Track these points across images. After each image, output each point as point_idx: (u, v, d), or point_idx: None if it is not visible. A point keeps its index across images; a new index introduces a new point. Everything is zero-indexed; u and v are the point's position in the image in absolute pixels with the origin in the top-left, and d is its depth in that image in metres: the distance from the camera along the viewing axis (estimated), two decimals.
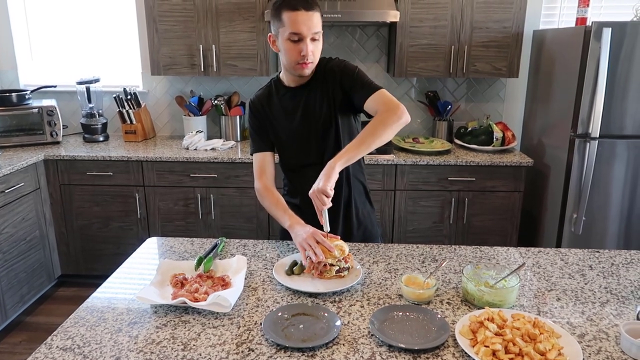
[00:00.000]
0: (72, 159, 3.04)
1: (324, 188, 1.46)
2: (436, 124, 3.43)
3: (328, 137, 1.73)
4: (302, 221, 1.60)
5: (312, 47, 1.60)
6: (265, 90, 1.80)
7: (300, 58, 1.59)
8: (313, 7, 1.57)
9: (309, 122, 1.72)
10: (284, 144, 1.79)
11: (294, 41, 1.57)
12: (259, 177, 1.78)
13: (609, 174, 2.71)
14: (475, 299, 1.32)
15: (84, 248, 3.21)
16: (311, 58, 1.60)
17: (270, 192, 1.74)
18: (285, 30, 1.57)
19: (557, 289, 1.43)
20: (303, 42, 1.57)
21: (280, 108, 1.75)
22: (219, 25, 3.08)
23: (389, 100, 1.61)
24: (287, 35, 1.57)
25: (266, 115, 1.77)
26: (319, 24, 1.60)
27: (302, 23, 1.55)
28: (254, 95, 1.82)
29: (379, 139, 1.54)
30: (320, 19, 1.60)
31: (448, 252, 1.68)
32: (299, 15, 1.55)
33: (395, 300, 1.36)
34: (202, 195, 3.06)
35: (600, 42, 2.48)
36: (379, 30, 3.40)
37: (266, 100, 1.77)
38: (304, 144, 1.75)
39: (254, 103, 1.80)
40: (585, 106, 2.61)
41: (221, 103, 3.39)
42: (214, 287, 1.36)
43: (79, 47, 3.60)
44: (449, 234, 3.10)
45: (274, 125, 1.77)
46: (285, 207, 1.68)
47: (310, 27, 1.56)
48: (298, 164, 1.80)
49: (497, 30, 3.02)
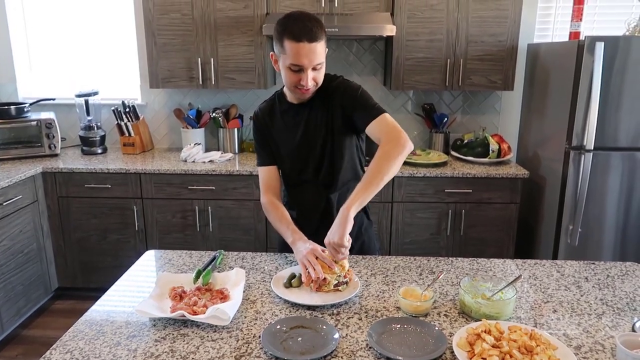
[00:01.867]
0: (70, 172, 3.04)
1: (340, 242, 1.42)
2: (433, 136, 3.45)
3: (326, 156, 1.72)
4: (304, 237, 1.60)
5: (314, 75, 1.56)
6: (268, 104, 1.78)
7: (300, 86, 1.57)
8: (317, 38, 1.50)
9: (308, 139, 1.71)
10: (283, 158, 1.79)
11: (295, 71, 1.54)
12: (265, 192, 1.78)
13: (604, 185, 2.74)
14: (472, 311, 1.33)
15: (81, 261, 3.20)
16: (311, 85, 1.57)
17: (275, 207, 1.73)
18: (286, 58, 1.53)
19: (554, 300, 1.44)
20: (304, 72, 1.53)
21: (282, 123, 1.75)
22: (218, 39, 3.11)
23: (391, 128, 1.56)
24: (288, 64, 1.53)
25: (268, 129, 1.77)
26: (323, 54, 1.55)
27: (304, 55, 1.50)
28: (258, 108, 1.81)
29: (387, 176, 1.49)
30: (325, 46, 1.55)
31: (445, 264, 1.69)
32: (301, 47, 1.49)
33: (393, 312, 1.37)
34: (200, 207, 3.07)
35: (593, 56, 2.52)
36: (375, 44, 3.45)
37: (269, 114, 1.77)
38: (302, 161, 1.75)
39: (258, 117, 1.79)
40: (580, 119, 2.64)
41: (219, 115, 3.41)
42: (212, 300, 1.37)
43: (78, 60, 3.62)
44: (446, 245, 3.11)
45: (275, 140, 1.77)
46: (289, 222, 1.67)
47: (312, 59, 1.52)
48: (296, 180, 1.80)
49: (492, 44, 3.06)
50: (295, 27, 1.49)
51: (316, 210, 1.78)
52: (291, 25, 1.50)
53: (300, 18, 1.52)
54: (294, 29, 1.49)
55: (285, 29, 1.51)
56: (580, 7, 2.92)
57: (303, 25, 1.49)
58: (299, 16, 1.53)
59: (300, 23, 1.50)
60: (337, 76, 1.72)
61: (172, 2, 3.06)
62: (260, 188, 1.80)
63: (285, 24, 1.52)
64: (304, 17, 1.52)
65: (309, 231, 1.70)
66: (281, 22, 1.55)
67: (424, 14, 3.02)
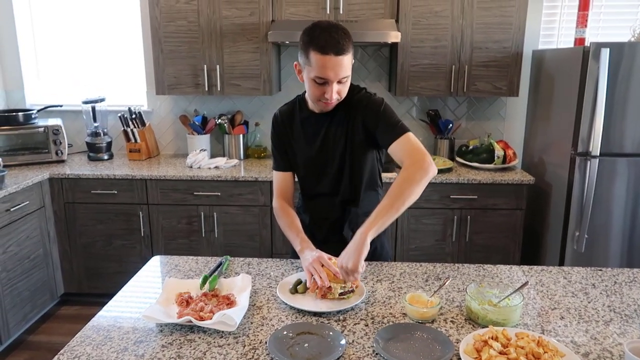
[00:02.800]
0: (76, 178, 3.06)
1: (355, 268, 1.36)
2: (438, 142, 3.46)
3: (345, 171, 1.68)
4: (312, 245, 1.59)
5: (339, 88, 1.52)
6: (289, 108, 1.74)
7: (324, 99, 1.53)
8: (344, 51, 1.45)
9: (327, 151, 1.67)
10: (299, 168, 1.76)
11: (319, 83, 1.49)
12: (278, 196, 1.77)
13: (610, 191, 2.73)
14: (479, 318, 1.33)
15: (87, 266, 3.22)
16: (335, 99, 1.53)
17: (286, 213, 1.72)
18: (312, 70, 1.48)
19: (561, 307, 1.43)
20: (329, 85, 1.49)
21: (300, 131, 1.70)
22: (223, 46, 3.13)
23: (414, 150, 1.50)
24: (313, 76, 1.48)
25: (286, 134, 1.73)
26: (349, 67, 1.50)
27: (330, 69, 1.45)
28: (278, 110, 1.77)
29: (409, 200, 1.44)
30: (352, 58, 1.50)
31: (451, 270, 1.69)
32: (328, 60, 1.44)
33: (399, 318, 1.37)
34: (205, 213, 3.08)
35: (598, 62, 2.52)
36: (380, 50, 3.46)
37: (288, 118, 1.72)
38: (319, 173, 1.72)
39: (277, 119, 1.75)
40: (585, 125, 2.64)
41: (225, 122, 3.42)
42: (219, 306, 1.37)
43: (85, 67, 3.66)
44: (452, 252, 3.10)
45: (293, 147, 1.73)
46: (298, 230, 1.66)
47: (339, 73, 1.47)
48: (311, 190, 1.77)
49: (497, 50, 3.07)
50: (321, 38, 1.44)
51: (329, 219, 1.78)
52: (318, 36, 1.45)
53: (328, 29, 1.46)
54: (321, 41, 1.44)
55: (312, 40, 1.46)
56: (585, 13, 2.93)
57: (330, 37, 1.43)
58: (327, 27, 1.47)
59: (327, 34, 1.44)
60: (360, 88, 1.67)
61: (178, 9, 3.09)
62: (274, 191, 1.78)
63: (312, 35, 1.47)
64: (331, 28, 1.46)
65: (320, 238, 1.71)
66: (307, 32, 1.49)
67: (428, 21, 3.04)
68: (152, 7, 3.09)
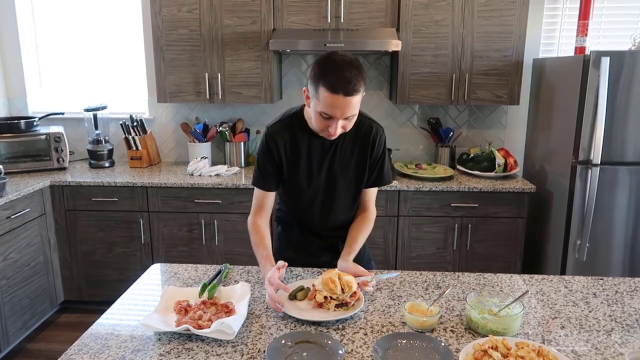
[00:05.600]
0: (77, 185, 3.07)
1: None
2: (438, 151, 3.46)
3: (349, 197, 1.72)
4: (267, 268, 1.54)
5: (344, 123, 1.47)
6: (285, 125, 1.63)
7: (327, 131, 1.48)
8: (355, 92, 1.39)
9: (334, 178, 1.66)
10: (294, 192, 1.71)
11: (325, 117, 1.45)
12: (255, 212, 1.72)
13: (611, 200, 2.72)
14: (479, 327, 1.32)
15: (87, 274, 3.21)
16: (339, 133, 1.49)
17: (257, 232, 1.68)
18: (318, 105, 1.43)
19: (562, 316, 1.42)
20: (334, 120, 1.44)
21: (304, 155, 1.63)
22: (225, 54, 3.15)
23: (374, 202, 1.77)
24: (319, 110, 1.43)
25: (283, 155, 1.64)
26: (357, 106, 1.45)
27: (337, 108, 1.40)
28: (272, 127, 1.65)
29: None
30: (362, 94, 1.44)
31: (451, 279, 1.68)
32: (336, 99, 1.38)
33: (398, 327, 1.36)
34: (206, 221, 3.08)
35: (599, 71, 2.53)
36: (381, 59, 3.47)
37: (289, 139, 1.62)
38: (322, 200, 1.71)
39: (272, 137, 1.63)
40: (586, 133, 2.64)
41: (226, 130, 3.43)
42: (217, 314, 1.37)
43: (88, 75, 3.68)
44: (453, 260, 3.09)
45: (290, 170, 1.66)
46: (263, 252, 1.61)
47: (345, 112, 1.42)
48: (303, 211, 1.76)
49: (498, 58, 3.07)
50: (333, 76, 1.37)
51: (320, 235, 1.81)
52: (330, 73, 1.38)
53: (341, 66, 1.38)
54: (331, 78, 1.37)
55: (323, 76, 1.39)
56: (585, 22, 2.94)
57: (342, 77, 1.37)
58: (340, 63, 1.39)
59: (339, 72, 1.37)
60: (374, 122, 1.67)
61: (180, 18, 3.11)
62: (252, 207, 1.73)
63: (324, 69, 1.40)
64: (344, 65, 1.39)
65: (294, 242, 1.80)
66: (320, 64, 1.42)
67: (429, 30, 3.05)
68: (154, 16, 3.11)
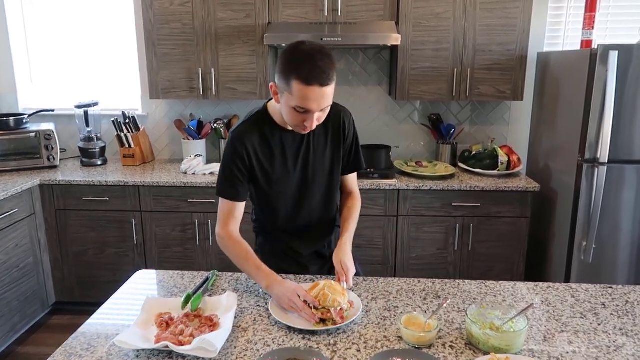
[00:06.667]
0: (67, 184, 2.98)
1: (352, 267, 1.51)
2: (439, 148, 3.36)
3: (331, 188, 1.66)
4: (278, 278, 1.46)
5: (319, 115, 1.40)
6: (252, 127, 1.54)
7: (302, 126, 1.41)
8: (329, 81, 1.33)
9: (312, 172, 1.60)
10: (272, 195, 1.62)
11: (300, 112, 1.37)
12: (225, 224, 1.58)
13: (618, 200, 2.62)
14: (480, 343, 1.23)
15: (79, 275, 3.13)
16: (315, 125, 1.42)
17: (238, 243, 1.56)
18: (292, 99, 1.34)
19: (569, 330, 1.33)
20: (310, 114, 1.37)
21: (277, 154, 1.55)
22: (219, 49, 3.05)
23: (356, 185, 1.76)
24: (294, 105, 1.35)
25: (254, 159, 1.54)
26: (331, 96, 1.38)
27: (313, 100, 1.33)
28: (237, 128, 1.54)
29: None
30: (334, 84, 1.37)
31: (451, 287, 1.59)
32: (311, 92, 1.31)
33: (394, 342, 1.27)
34: (200, 220, 2.99)
35: (607, 65, 2.42)
36: (380, 54, 3.36)
37: (257, 141, 1.53)
38: (301, 197, 1.63)
39: (241, 141, 1.52)
40: (593, 131, 2.53)
41: (221, 126, 3.34)
42: (200, 329, 1.28)
43: (79, 70, 3.58)
44: (454, 261, 3.00)
45: (263, 174, 1.57)
46: (258, 264, 1.50)
47: (321, 104, 1.35)
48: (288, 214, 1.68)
49: (501, 53, 2.96)
50: (305, 67, 1.30)
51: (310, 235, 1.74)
52: (301, 65, 1.31)
53: (311, 56, 1.31)
54: (304, 70, 1.30)
55: (295, 68, 1.32)
56: (592, 15, 2.83)
57: (314, 66, 1.30)
58: (310, 53, 1.32)
59: (311, 63, 1.30)
60: (340, 106, 1.61)
61: (172, 12, 3.01)
62: (219, 219, 1.59)
63: (295, 61, 1.33)
64: (315, 55, 1.32)
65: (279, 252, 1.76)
66: (288, 56, 1.34)
67: (429, 23, 2.94)
68: (145, 10, 3.01)
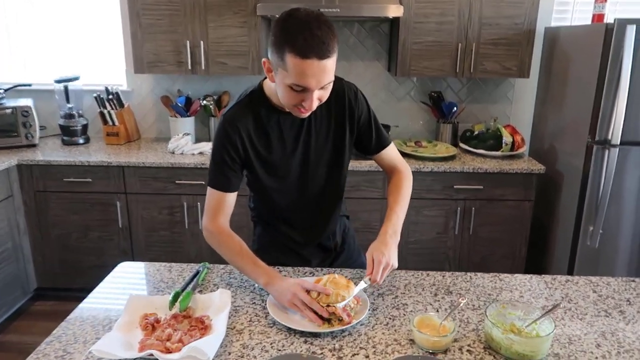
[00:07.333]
0: (47, 164, 2.80)
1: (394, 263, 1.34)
2: (440, 127, 3.21)
3: (333, 175, 1.49)
4: (278, 274, 1.33)
5: (320, 94, 1.23)
6: (245, 110, 1.37)
7: (301, 106, 1.24)
8: (329, 52, 1.15)
9: (312, 157, 1.44)
10: (270, 184, 1.46)
11: (297, 91, 1.20)
12: (214, 217, 1.41)
13: (630, 184, 2.50)
14: (501, 348, 1.11)
15: (62, 259, 2.98)
16: (315, 106, 1.25)
17: (230, 238, 1.40)
18: (288, 76, 1.17)
19: (595, 331, 1.22)
20: (309, 93, 1.20)
21: (275, 139, 1.39)
22: (208, 20, 2.84)
23: (401, 159, 1.58)
24: (290, 82, 1.18)
25: (249, 145, 1.38)
26: (332, 71, 1.20)
27: (311, 76, 1.15)
28: (229, 111, 1.38)
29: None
30: (336, 57, 1.19)
31: (463, 280, 1.46)
32: (309, 66, 1.14)
33: (405, 347, 1.15)
34: (188, 203, 2.84)
35: (623, 41, 2.27)
36: (379, 26, 3.18)
37: (252, 125, 1.37)
38: (301, 186, 1.48)
39: (233, 124, 1.35)
40: (607, 110, 2.39)
41: (210, 103, 3.16)
42: (190, 332, 1.14)
43: (58, 42, 3.35)
44: (454, 245, 2.89)
45: (260, 160, 1.41)
46: (254, 259, 1.35)
47: (321, 80, 1.18)
48: (288, 205, 1.53)
49: (508, 26, 2.80)
50: (301, 38, 1.12)
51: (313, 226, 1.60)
52: (296, 35, 1.13)
53: (307, 24, 1.13)
54: (300, 41, 1.12)
55: (289, 39, 1.13)
56: None
57: (311, 36, 1.12)
58: (305, 20, 1.14)
59: (307, 32, 1.12)
60: (346, 83, 1.42)
61: None
62: (207, 211, 1.43)
63: (288, 31, 1.14)
64: (311, 23, 1.13)
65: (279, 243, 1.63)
66: (281, 25, 1.16)
67: None
68: None
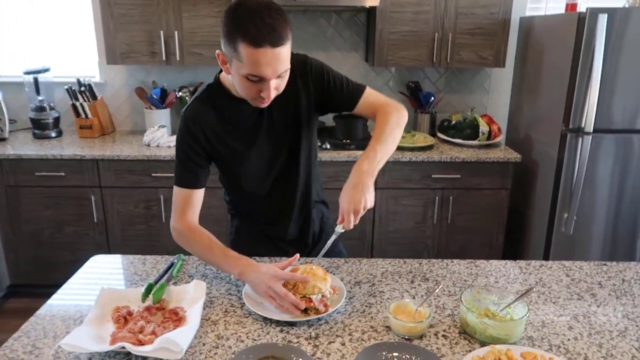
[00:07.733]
0: (18, 158, 2.73)
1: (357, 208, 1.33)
2: (418, 117, 3.22)
3: (301, 156, 1.44)
4: (250, 262, 1.29)
5: (277, 84, 1.21)
6: (205, 102, 1.36)
7: (259, 97, 1.22)
8: (283, 39, 1.12)
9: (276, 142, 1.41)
10: (237, 175, 1.45)
11: (254, 81, 1.17)
12: (181, 215, 1.37)
13: (603, 171, 2.55)
14: (476, 332, 1.12)
15: (35, 255, 2.91)
16: (274, 96, 1.23)
17: (198, 233, 1.37)
18: (242, 67, 1.14)
19: (567, 314, 1.24)
20: (265, 82, 1.17)
21: (236, 129, 1.37)
22: (182, 10, 2.79)
23: (386, 99, 1.46)
24: (245, 73, 1.15)
25: (212, 139, 1.36)
26: (288, 59, 1.18)
27: (266, 65, 1.12)
28: (189, 107, 1.37)
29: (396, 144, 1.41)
30: (290, 45, 1.17)
31: (440, 267, 1.47)
32: (262, 54, 1.11)
33: (382, 333, 1.15)
34: (165, 196, 2.80)
35: (595, 30, 2.30)
36: (356, 16, 3.16)
37: (214, 114, 1.35)
38: (268, 172, 1.45)
39: (195, 120, 1.34)
40: (580, 99, 2.43)
41: (186, 95, 3.12)
42: (163, 324, 1.12)
43: (27, 32, 3.25)
44: (432, 234, 2.91)
45: (223, 153, 1.39)
46: (224, 251, 1.32)
47: (277, 68, 1.15)
48: (260, 192, 1.49)
49: (483, 16, 2.82)
50: (252, 26, 1.09)
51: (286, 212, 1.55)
52: (247, 24, 1.09)
53: (258, 12, 1.10)
54: (251, 29, 1.09)
55: (239, 28, 1.10)
56: None
57: (263, 24, 1.09)
58: (256, 9, 1.11)
59: (259, 20, 1.09)
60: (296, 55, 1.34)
61: None
62: (175, 210, 1.39)
63: (238, 21, 1.11)
64: (262, 11, 1.10)
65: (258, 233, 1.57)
66: (232, 15, 1.13)
67: None
68: None
